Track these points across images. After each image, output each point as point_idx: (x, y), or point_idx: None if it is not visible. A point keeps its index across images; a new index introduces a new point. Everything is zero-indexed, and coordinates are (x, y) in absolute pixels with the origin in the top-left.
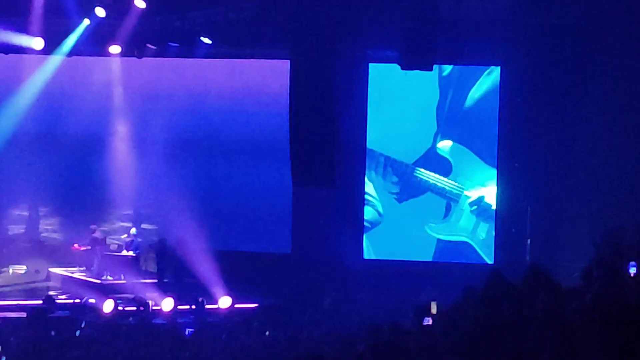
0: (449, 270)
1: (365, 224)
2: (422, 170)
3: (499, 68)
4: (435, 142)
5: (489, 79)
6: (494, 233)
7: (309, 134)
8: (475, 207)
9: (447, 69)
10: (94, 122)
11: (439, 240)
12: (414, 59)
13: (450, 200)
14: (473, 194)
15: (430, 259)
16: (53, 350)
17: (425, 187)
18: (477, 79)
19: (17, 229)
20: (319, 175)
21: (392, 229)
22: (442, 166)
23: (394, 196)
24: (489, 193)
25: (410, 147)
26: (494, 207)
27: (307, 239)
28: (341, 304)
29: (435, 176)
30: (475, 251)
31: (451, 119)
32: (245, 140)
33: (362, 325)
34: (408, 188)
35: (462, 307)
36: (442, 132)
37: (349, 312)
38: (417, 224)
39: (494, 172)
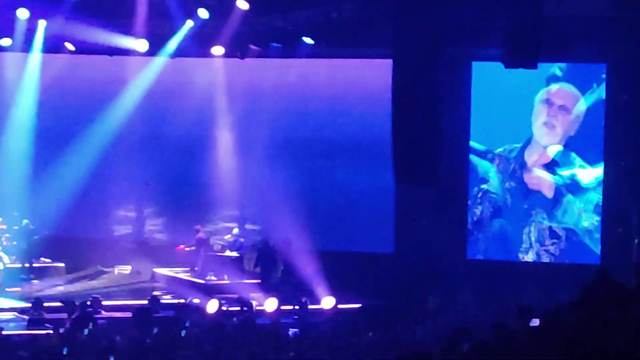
0: (553, 270)
1: (470, 224)
2: (531, 167)
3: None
4: None
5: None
6: (599, 234)
7: (411, 133)
8: (582, 205)
9: (552, 67)
10: (197, 123)
11: (543, 239)
12: (518, 57)
13: (557, 198)
14: (580, 192)
15: (533, 259)
16: (158, 350)
17: (533, 184)
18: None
19: (122, 230)
20: (422, 174)
21: (499, 228)
22: (548, 164)
23: (506, 194)
24: (595, 192)
25: (514, 145)
26: (600, 205)
27: (410, 239)
28: (444, 304)
29: (542, 172)
30: (585, 247)
31: None
32: (347, 140)
33: (466, 325)
34: (518, 185)
35: (567, 307)
36: None
37: (453, 312)
38: (524, 222)
39: (600, 170)
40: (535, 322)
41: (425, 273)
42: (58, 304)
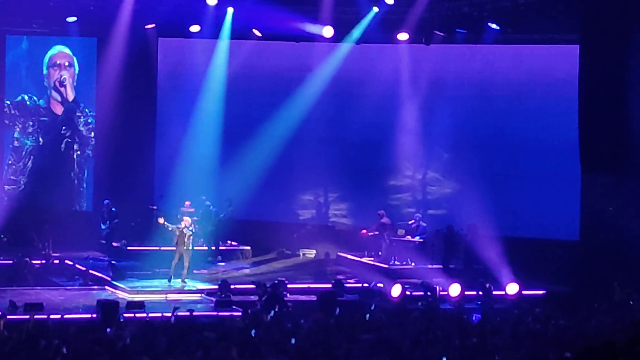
0: None
1: None
2: None
3: None
4: None
5: None
6: None
7: (599, 120)
8: None
9: None
10: (381, 109)
11: None
12: None
13: None
14: None
15: None
16: (342, 333)
17: None
18: None
19: (307, 214)
20: (609, 162)
21: None
22: None
23: None
24: None
25: None
26: None
27: (595, 226)
28: (632, 293)
29: None
30: None
31: None
32: (532, 127)
33: None
34: None
35: None
36: None
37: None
38: None
39: None
40: None
41: (611, 260)
42: (244, 286)
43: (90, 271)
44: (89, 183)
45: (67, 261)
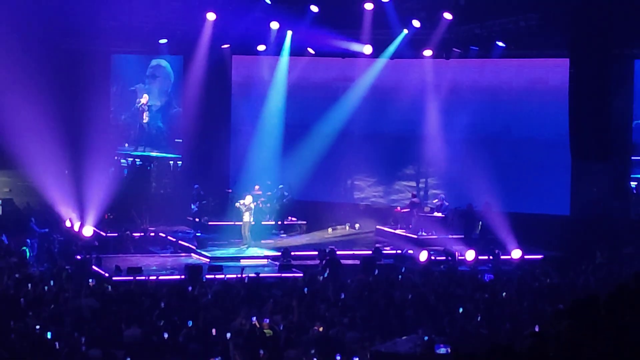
0: None
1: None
2: None
3: None
4: None
5: None
6: None
7: (585, 118)
8: None
9: None
10: (410, 112)
11: None
12: None
13: None
14: None
15: None
16: (380, 290)
17: None
18: None
19: (351, 195)
20: (594, 152)
21: None
22: None
23: None
24: None
25: None
26: None
27: (583, 203)
28: (611, 257)
29: None
30: None
31: None
32: (531, 124)
33: (629, 274)
34: None
35: None
36: None
37: (619, 263)
38: None
39: None
40: None
41: (595, 231)
42: (302, 252)
43: (179, 241)
44: (178, 172)
45: (160, 234)
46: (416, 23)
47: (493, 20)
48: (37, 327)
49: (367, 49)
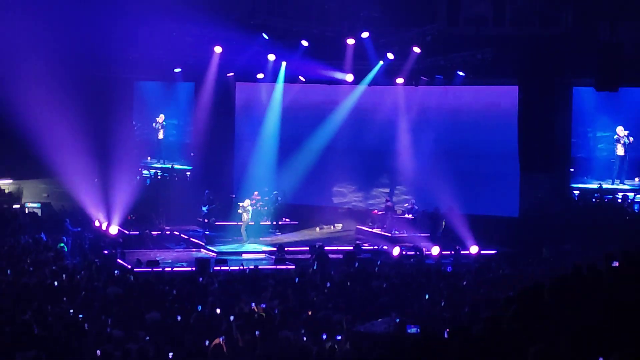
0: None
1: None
2: None
3: None
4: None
5: None
6: None
7: (532, 135)
8: None
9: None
10: (385, 130)
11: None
12: (605, 84)
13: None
14: None
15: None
16: (359, 280)
17: None
18: None
19: (336, 200)
20: (539, 164)
21: None
22: None
23: None
24: None
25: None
26: None
27: (529, 206)
28: (552, 252)
29: None
30: None
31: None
32: (487, 141)
33: (568, 267)
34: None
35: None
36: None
37: (560, 258)
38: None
39: None
40: (616, 263)
41: (540, 230)
42: (294, 248)
43: (191, 239)
44: (190, 181)
45: (175, 232)
46: (390, 55)
47: (455, 53)
48: (71, 311)
49: (349, 77)
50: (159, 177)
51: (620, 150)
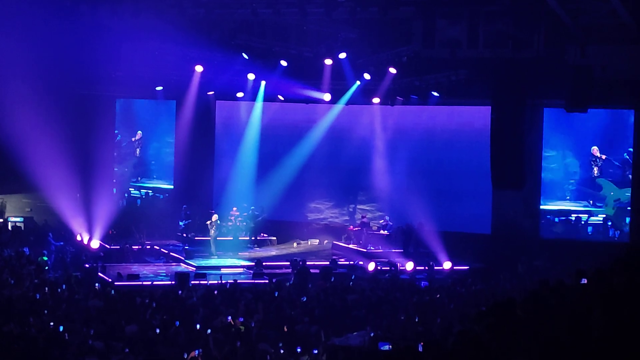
0: (603, 245)
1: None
2: None
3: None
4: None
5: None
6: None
7: (504, 153)
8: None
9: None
10: (361, 148)
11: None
12: (575, 105)
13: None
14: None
15: (587, 238)
16: (336, 294)
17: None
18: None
19: (313, 216)
20: (511, 181)
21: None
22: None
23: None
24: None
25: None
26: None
27: (501, 223)
28: (525, 268)
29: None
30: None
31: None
32: (460, 159)
33: (538, 282)
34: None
35: (607, 273)
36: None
37: (530, 274)
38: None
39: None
40: (585, 280)
41: (512, 247)
42: (272, 263)
43: (171, 253)
44: (170, 196)
45: (155, 246)
46: (367, 76)
47: (430, 74)
48: (52, 323)
49: (327, 97)
50: (146, 194)
51: (595, 171)
